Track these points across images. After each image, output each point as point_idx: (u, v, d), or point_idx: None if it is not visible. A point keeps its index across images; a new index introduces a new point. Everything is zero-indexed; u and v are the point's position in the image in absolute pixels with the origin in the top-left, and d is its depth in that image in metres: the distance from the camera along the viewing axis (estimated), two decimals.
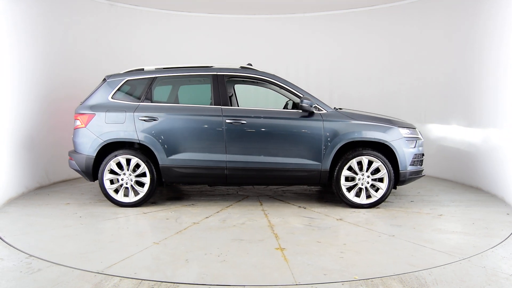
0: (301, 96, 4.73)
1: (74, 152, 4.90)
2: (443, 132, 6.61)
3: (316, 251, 3.37)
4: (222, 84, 4.80)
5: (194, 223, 4.21)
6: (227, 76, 4.86)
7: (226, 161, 4.67)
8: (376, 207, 4.77)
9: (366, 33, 7.53)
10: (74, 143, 4.89)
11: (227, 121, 4.66)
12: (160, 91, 5.05)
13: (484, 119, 5.64)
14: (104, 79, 5.02)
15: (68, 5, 6.42)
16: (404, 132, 4.73)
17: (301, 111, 4.69)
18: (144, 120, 4.73)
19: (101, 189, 4.77)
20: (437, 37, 6.67)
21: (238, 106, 5.85)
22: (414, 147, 4.74)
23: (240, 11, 7.88)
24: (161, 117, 4.72)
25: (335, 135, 4.63)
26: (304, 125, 4.68)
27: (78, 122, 4.85)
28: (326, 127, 4.64)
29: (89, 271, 2.93)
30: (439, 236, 3.80)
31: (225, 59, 6.63)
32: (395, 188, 4.84)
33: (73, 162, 4.85)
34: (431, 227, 4.08)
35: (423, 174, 4.91)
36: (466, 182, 6.10)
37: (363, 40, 7.57)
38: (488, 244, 3.53)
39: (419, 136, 4.89)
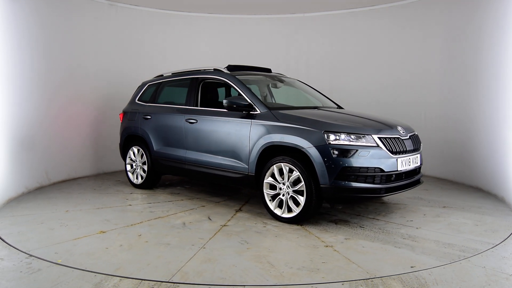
0: (230, 96, 4.65)
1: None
2: (443, 131, 6.60)
3: (116, 242, 3.55)
4: (195, 87, 5.16)
5: (128, 205, 4.94)
6: (200, 79, 5.17)
7: (185, 157, 5.06)
8: (301, 223, 4.03)
9: (366, 33, 7.53)
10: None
11: (186, 120, 5.05)
12: (164, 94, 5.77)
13: (484, 118, 5.63)
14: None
15: (68, 4, 6.41)
16: (335, 137, 3.77)
17: (242, 112, 4.44)
18: (144, 118, 5.66)
19: (125, 171, 6.04)
20: (437, 36, 6.66)
21: None
22: (349, 157, 3.71)
23: (241, 11, 7.90)
24: (152, 115, 5.57)
25: (259, 137, 4.23)
26: (235, 126, 4.48)
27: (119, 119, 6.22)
28: (252, 129, 4.31)
29: (89, 271, 2.93)
30: (245, 263, 3.10)
31: (225, 59, 6.62)
32: (329, 204, 4.19)
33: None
34: (268, 255, 3.25)
35: (380, 194, 3.83)
36: (466, 182, 6.10)
37: (363, 40, 7.57)
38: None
39: (373, 144, 3.79)
